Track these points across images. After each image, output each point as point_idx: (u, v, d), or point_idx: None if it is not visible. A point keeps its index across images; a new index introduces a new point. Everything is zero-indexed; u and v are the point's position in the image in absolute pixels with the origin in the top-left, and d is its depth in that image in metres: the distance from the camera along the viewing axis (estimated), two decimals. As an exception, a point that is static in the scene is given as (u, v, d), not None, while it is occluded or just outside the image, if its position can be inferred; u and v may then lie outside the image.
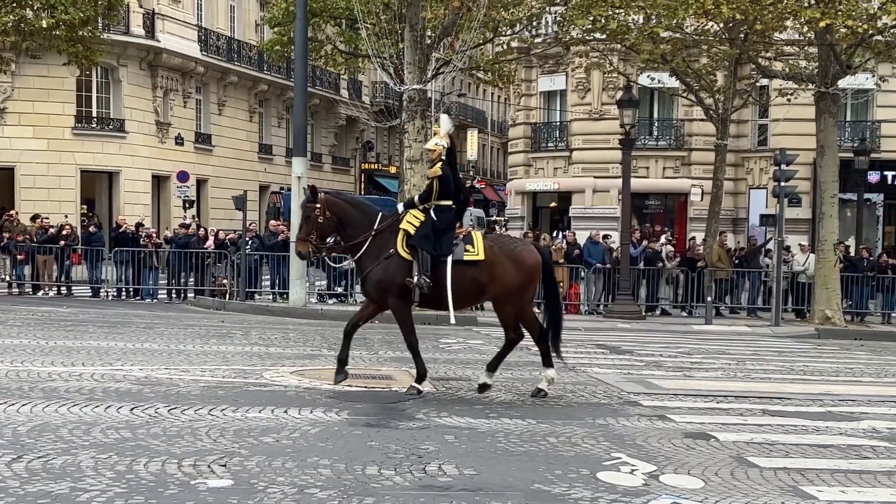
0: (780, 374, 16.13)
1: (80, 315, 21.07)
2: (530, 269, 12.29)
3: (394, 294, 12.14)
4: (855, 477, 8.71)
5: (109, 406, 10.38)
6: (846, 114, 37.40)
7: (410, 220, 12.17)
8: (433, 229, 12.03)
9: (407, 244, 12.01)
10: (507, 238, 13.37)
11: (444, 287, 11.97)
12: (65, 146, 38.93)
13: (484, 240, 12.28)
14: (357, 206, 12.89)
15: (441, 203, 12.20)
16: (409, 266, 11.98)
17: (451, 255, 11.96)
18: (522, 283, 12.28)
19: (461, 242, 12.10)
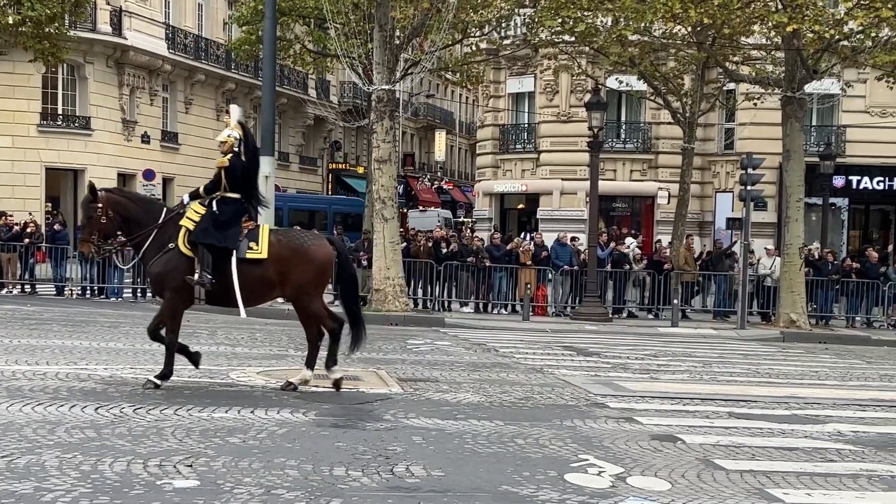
0: (746, 376, 16.20)
1: (44, 313, 20.90)
2: (321, 264, 12.04)
3: (169, 288, 11.77)
4: (820, 480, 8.75)
5: (74, 405, 10.30)
6: (812, 118, 37.60)
7: (191, 215, 11.86)
8: (214, 223, 11.71)
9: (188, 241, 11.69)
10: (297, 233, 12.92)
11: (230, 284, 11.64)
12: (30, 143, 38.61)
13: (271, 236, 11.93)
14: (139, 202, 12.65)
15: (227, 195, 11.93)
16: (190, 263, 11.65)
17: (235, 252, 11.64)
18: (314, 279, 12.03)
19: (245, 239, 11.76)
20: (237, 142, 12.14)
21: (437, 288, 26.77)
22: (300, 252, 11.92)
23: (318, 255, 12.02)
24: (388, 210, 24.31)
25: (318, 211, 47.94)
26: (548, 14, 26.62)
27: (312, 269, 11.96)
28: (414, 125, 73.76)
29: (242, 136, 12.21)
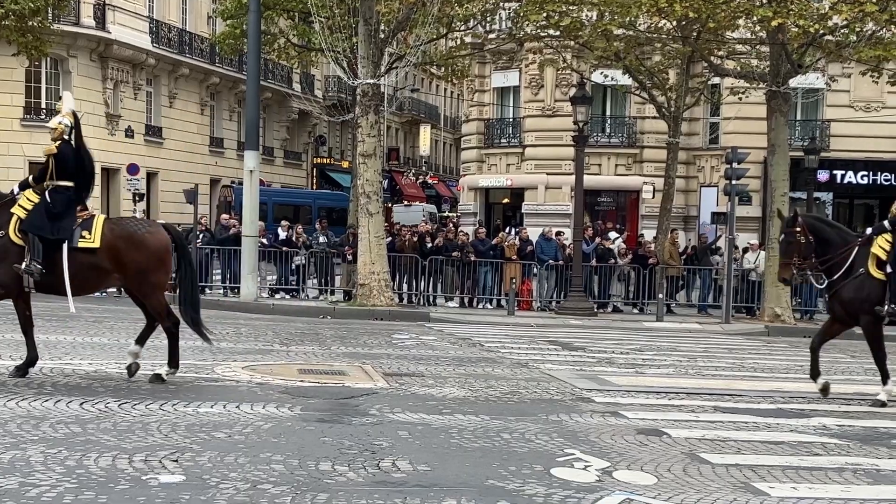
0: (731, 371, 16.25)
1: (27, 308, 20.76)
2: (156, 252, 11.84)
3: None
4: (806, 473, 8.78)
5: (59, 400, 10.26)
6: (797, 113, 37.68)
7: (23, 202, 11.73)
8: (46, 212, 11.56)
9: (19, 229, 11.53)
10: (131, 221, 12.71)
11: (60, 274, 11.49)
12: (13, 137, 38.44)
13: (104, 225, 11.74)
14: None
15: (59, 184, 11.83)
16: (20, 251, 11.48)
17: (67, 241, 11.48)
18: (150, 266, 11.78)
19: (79, 228, 11.59)
20: (68, 129, 12.11)
21: (422, 282, 26.75)
22: (134, 240, 11.71)
23: (153, 243, 11.81)
24: (372, 205, 24.26)
25: (302, 205, 47.91)
26: (533, 8, 26.59)
27: (146, 257, 11.72)
28: (399, 119, 73.71)
29: (74, 123, 12.14)
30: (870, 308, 12.57)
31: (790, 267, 13.09)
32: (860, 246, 12.78)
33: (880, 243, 12.61)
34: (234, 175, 45.50)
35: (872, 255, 12.56)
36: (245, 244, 24.51)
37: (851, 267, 12.68)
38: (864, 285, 12.57)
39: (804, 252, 12.93)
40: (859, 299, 12.63)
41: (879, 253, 12.55)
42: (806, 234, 12.88)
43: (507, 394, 12.44)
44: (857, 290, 12.63)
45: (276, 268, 26.75)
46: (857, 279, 12.61)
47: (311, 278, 26.92)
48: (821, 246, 12.94)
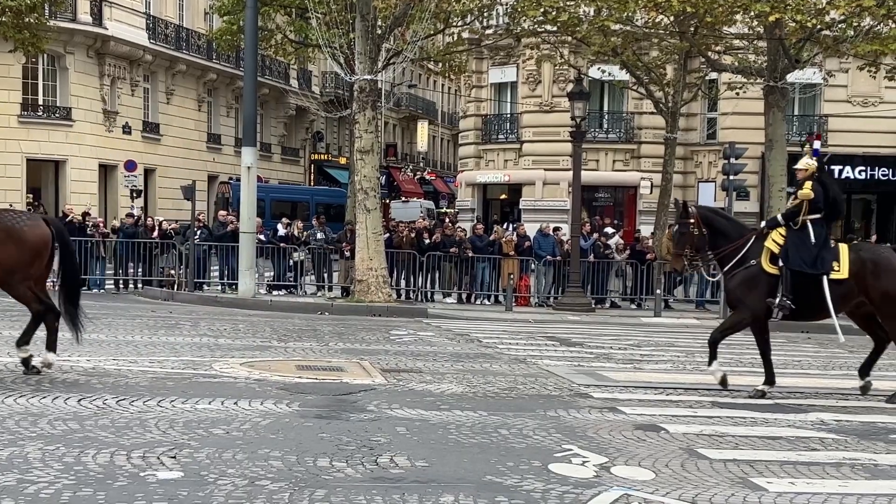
0: (729, 366, 16.16)
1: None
2: (34, 246, 11.74)
3: None
4: (804, 468, 8.78)
5: (57, 397, 10.26)
6: (794, 108, 37.74)
7: None
8: None
9: None
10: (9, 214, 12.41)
11: None
12: (10, 134, 38.43)
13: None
14: None
15: None
16: None
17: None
18: (26, 260, 11.66)
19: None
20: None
21: (419, 278, 26.77)
22: (12, 233, 11.59)
23: (30, 237, 11.73)
24: (370, 201, 24.26)
25: (300, 202, 47.90)
26: (530, 4, 26.61)
27: (21, 251, 11.60)
28: (396, 115, 73.68)
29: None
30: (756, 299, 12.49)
31: (682, 258, 12.99)
32: (755, 240, 12.70)
33: (774, 237, 12.57)
34: (232, 171, 45.50)
35: (766, 248, 12.50)
36: (242, 240, 24.51)
37: (744, 259, 12.59)
38: (756, 277, 12.51)
39: (697, 244, 12.84)
40: (747, 289, 12.53)
41: (773, 247, 12.49)
42: (699, 225, 12.78)
43: (505, 390, 12.44)
44: (745, 280, 12.54)
45: (272, 264, 26.75)
46: (748, 269, 12.53)
47: (309, 274, 26.92)
48: (714, 238, 12.84)
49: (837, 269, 12.40)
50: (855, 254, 12.66)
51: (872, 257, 12.70)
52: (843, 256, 12.50)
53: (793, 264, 12.33)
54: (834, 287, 12.39)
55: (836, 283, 12.41)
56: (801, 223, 12.52)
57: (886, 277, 12.45)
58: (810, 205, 12.53)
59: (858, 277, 12.45)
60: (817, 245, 12.45)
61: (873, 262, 12.56)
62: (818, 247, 12.45)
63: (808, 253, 12.39)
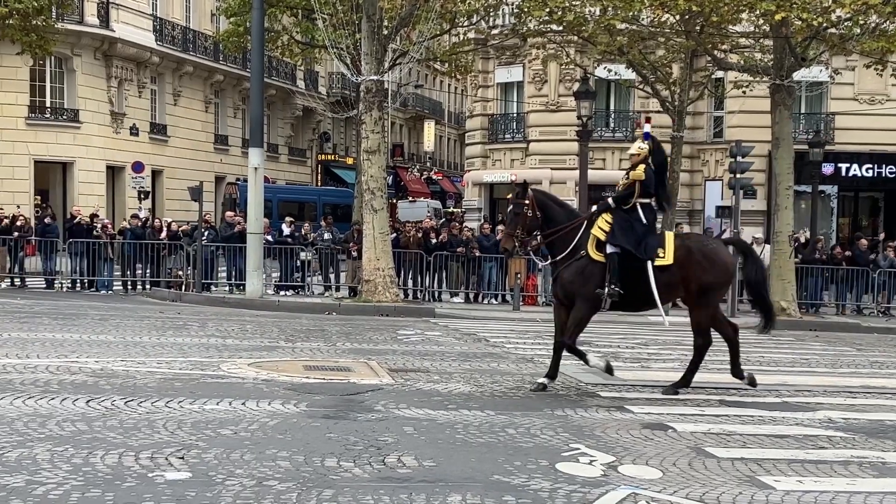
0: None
1: (34, 307, 20.86)
2: None
3: None
4: (811, 467, 8.78)
5: (65, 398, 10.28)
6: (801, 106, 37.65)
7: None
8: None
9: None
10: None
11: None
12: (18, 136, 38.52)
13: None
14: None
15: None
16: None
17: None
18: None
19: None
20: None
21: (427, 278, 26.78)
22: None
23: None
24: (377, 201, 24.28)
25: (307, 202, 47.94)
26: (536, 3, 26.60)
27: None
28: (403, 116, 73.71)
29: None
30: (590, 290, 12.22)
31: (512, 238, 12.65)
32: (585, 227, 12.44)
33: (600, 224, 12.33)
34: (239, 172, 45.57)
35: (592, 236, 12.29)
36: (250, 241, 24.55)
37: (576, 249, 12.35)
38: (586, 268, 12.25)
39: (529, 225, 12.57)
40: (580, 282, 12.26)
41: (598, 234, 12.28)
42: (534, 207, 12.51)
43: (513, 389, 12.45)
44: (577, 272, 12.28)
45: (279, 265, 26.78)
46: (578, 262, 12.29)
47: (316, 275, 26.94)
48: (547, 223, 12.58)
49: (662, 256, 12.18)
50: (681, 241, 12.49)
51: (699, 246, 12.52)
52: (668, 243, 12.28)
53: (618, 242, 12.07)
54: (658, 274, 12.17)
55: (661, 270, 12.19)
56: (630, 206, 12.34)
57: (711, 268, 12.30)
58: (642, 188, 12.33)
59: (682, 265, 12.23)
60: (644, 229, 12.28)
61: (700, 251, 12.37)
62: (645, 231, 12.27)
63: (635, 236, 12.17)
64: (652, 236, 12.35)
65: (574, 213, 13.23)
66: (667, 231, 12.88)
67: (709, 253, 12.40)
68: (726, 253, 12.85)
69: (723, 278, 12.56)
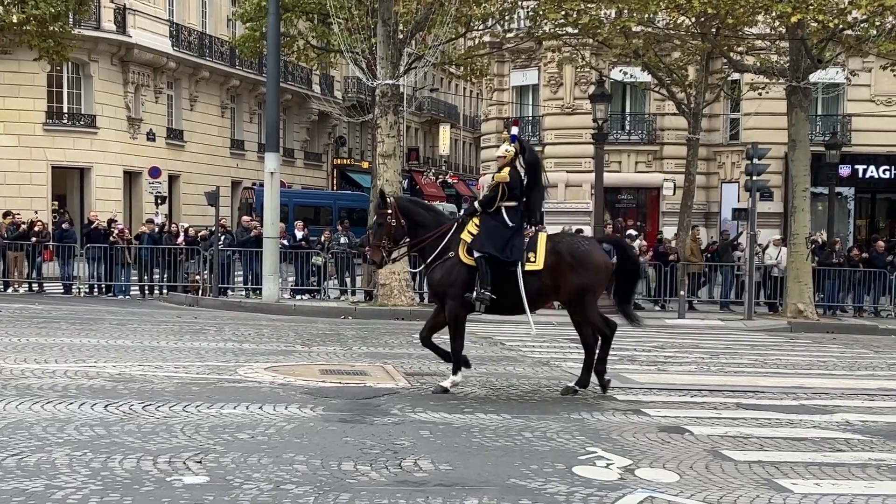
0: (754, 367, 16.21)
1: (52, 312, 20.94)
2: None
3: None
4: (829, 470, 8.75)
5: (83, 403, 10.32)
6: (817, 108, 37.57)
7: None
8: None
9: None
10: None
11: None
12: (36, 142, 38.69)
13: None
14: None
15: None
16: None
17: None
18: None
19: None
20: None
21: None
22: None
23: None
24: (393, 205, 24.26)
25: (323, 206, 48.03)
26: (551, 6, 26.57)
27: None
28: (418, 119, 73.75)
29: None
30: (456, 292, 12.10)
31: (380, 250, 12.52)
32: (454, 230, 12.31)
33: (469, 228, 12.20)
34: (255, 177, 45.63)
35: (462, 240, 12.12)
36: (266, 245, 24.59)
37: (444, 250, 12.20)
38: (454, 269, 12.11)
39: (395, 235, 12.44)
40: (447, 283, 12.14)
41: (467, 238, 12.12)
42: (397, 216, 12.36)
43: (529, 392, 12.46)
44: (446, 273, 12.15)
45: (295, 268, 26.82)
46: (446, 262, 12.15)
47: (332, 279, 26.98)
48: (414, 229, 12.46)
49: (533, 260, 12.04)
50: (553, 244, 12.26)
51: (571, 249, 12.27)
52: (540, 247, 12.11)
53: (480, 246, 11.92)
54: (529, 279, 12.03)
55: (532, 275, 12.03)
56: (495, 209, 12.14)
57: (584, 270, 12.12)
58: (507, 191, 12.15)
59: (554, 269, 12.07)
60: (511, 233, 12.10)
61: (571, 253, 12.17)
62: (512, 235, 12.10)
63: (500, 240, 12.01)
64: (519, 239, 12.16)
65: (442, 216, 13.13)
66: (541, 234, 12.63)
67: (580, 255, 12.15)
68: (600, 253, 12.52)
69: (596, 279, 12.27)
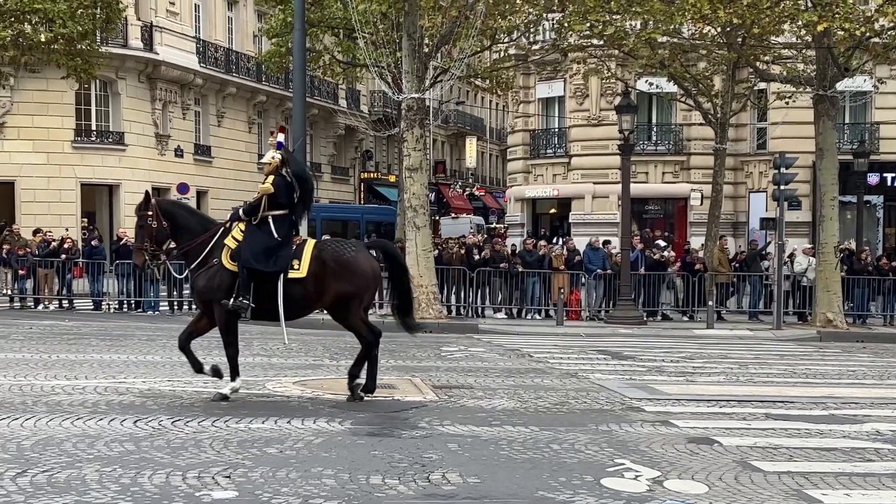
0: (783, 377, 16.13)
1: (82, 328, 21.07)
2: None
3: None
4: (859, 480, 8.71)
5: (113, 419, 10.39)
6: (845, 116, 37.38)
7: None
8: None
9: None
10: None
11: None
12: (65, 160, 38.94)
13: None
14: None
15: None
16: None
17: None
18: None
19: None
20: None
21: (470, 294, 26.81)
22: None
23: None
24: (420, 218, 24.36)
25: (350, 220, 48.08)
26: (576, 18, 26.59)
27: None
28: (444, 132, 73.84)
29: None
30: (220, 298, 11.93)
31: (142, 252, 12.36)
32: (220, 235, 12.18)
33: (234, 233, 12.11)
34: (283, 192, 45.68)
35: (226, 246, 12.03)
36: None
37: (209, 256, 12.07)
38: (217, 275, 11.96)
39: (158, 237, 12.28)
40: (211, 289, 11.99)
41: (231, 244, 12.03)
42: (158, 218, 12.20)
43: (557, 404, 12.43)
44: (209, 279, 12.00)
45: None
46: (210, 269, 12.01)
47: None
48: (178, 232, 12.31)
49: (297, 268, 11.91)
50: (317, 252, 12.07)
51: (335, 256, 12.09)
52: (305, 255, 11.96)
53: (244, 261, 11.78)
54: (294, 287, 11.90)
55: (296, 283, 11.91)
56: (261, 218, 12.03)
57: (348, 277, 11.98)
58: (273, 200, 12.05)
59: (318, 276, 11.93)
60: (277, 243, 11.94)
61: (335, 260, 12.01)
62: (279, 244, 11.95)
63: (265, 250, 11.87)
64: (286, 248, 11.99)
65: (209, 221, 12.97)
66: (309, 241, 12.44)
67: (345, 262, 12.02)
68: (366, 260, 12.33)
69: (361, 286, 12.13)
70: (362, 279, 12.15)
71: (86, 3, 27.95)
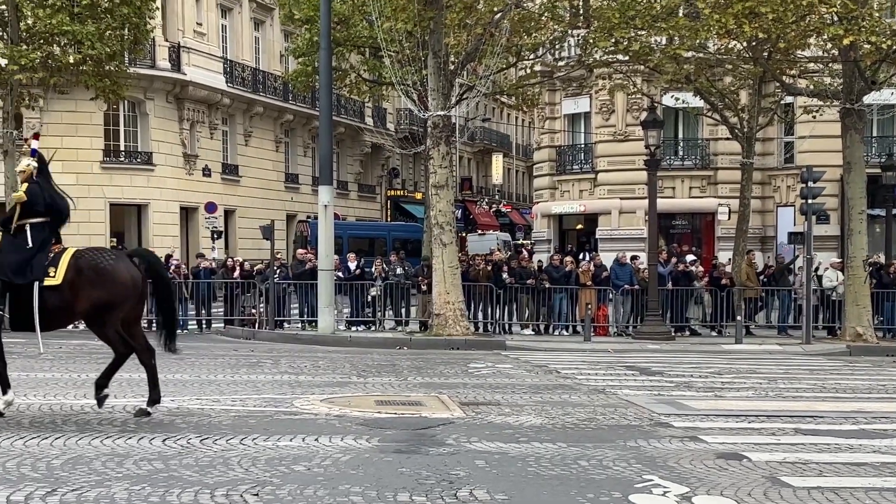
0: (812, 392, 16.03)
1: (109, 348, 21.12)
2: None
3: None
4: (889, 495, 8.65)
5: (142, 437, 10.44)
6: (872, 129, 37.19)
7: None
8: None
9: None
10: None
11: None
12: (94, 180, 39.18)
13: None
14: None
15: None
16: None
17: None
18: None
19: None
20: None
21: (497, 311, 26.80)
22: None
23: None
24: (446, 235, 24.39)
25: (377, 238, 48.24)
26: (601, 35, 26.60)
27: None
28: (471, 149, 73.96)
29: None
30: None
31: None
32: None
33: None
34: (310, 210, 45.96)
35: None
36: (321, 278, 24.74)
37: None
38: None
39: None
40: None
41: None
42: None
43: (585, 420, 12.40)
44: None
45: (350, 300, 26.95)
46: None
47: (388, 309, 27.07)
48: None
49: (53, 275, 11.55)
50: (75, 259, 11.71)
51: (93, 263, 11.72)
52: (62, 263, 11.61)
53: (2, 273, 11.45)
54: (51, 295, 11.52)
55: (53, 291, 11.54)
56: (18, 227, 11.70)
57: (104, 285, 11.59)
58: (28, 208, 11.73)
59: (73, 284, 11.56)
60: (33, 250, 11.61)
61: (92, 268, 11.66)
62: (34, 252, 11.61)
63: (19, 259, 11.52)
64: (41, 256, 11.67)
65: None
66: (69, 249, 11.97)
67: (102, 270, 11.69)
68: (126, 268, 11.90)
69: (119, 294, 11.73)
70: (120, 288, 11.74)
71: (114, 24, 28.20)
